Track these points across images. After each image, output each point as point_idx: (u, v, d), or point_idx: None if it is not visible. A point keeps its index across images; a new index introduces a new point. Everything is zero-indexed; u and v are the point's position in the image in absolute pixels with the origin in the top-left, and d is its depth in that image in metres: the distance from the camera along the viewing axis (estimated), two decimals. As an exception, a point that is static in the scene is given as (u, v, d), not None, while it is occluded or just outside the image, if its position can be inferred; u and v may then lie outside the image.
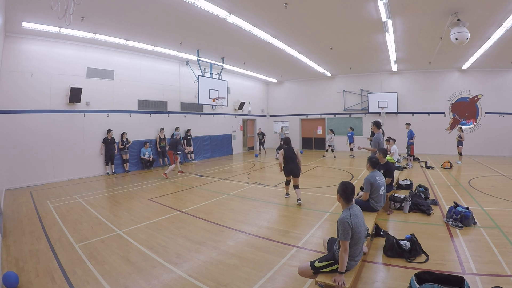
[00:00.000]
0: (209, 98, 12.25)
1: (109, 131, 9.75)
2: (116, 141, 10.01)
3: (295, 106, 18.40)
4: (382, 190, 4.27)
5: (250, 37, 8.96)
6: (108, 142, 9.69)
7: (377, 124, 6.60)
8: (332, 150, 14.55)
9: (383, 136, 8.81)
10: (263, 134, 15.96)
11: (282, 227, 4.62)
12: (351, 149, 13.87)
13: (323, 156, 14.43)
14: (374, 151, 6.29)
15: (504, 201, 5.81)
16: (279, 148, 15.58)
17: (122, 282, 3.01)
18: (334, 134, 14.91)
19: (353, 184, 2.70)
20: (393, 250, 3.48)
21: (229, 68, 14.06)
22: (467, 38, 6.62)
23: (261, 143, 15.88)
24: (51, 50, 8.59)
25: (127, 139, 10.31)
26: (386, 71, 15.21)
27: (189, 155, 12.99)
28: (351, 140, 13.82)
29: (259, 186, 7.68)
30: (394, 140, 10.35)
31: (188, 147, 12.83)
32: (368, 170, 4.50)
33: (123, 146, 10.20)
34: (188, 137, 12.83)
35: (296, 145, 18.30)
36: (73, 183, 8.49)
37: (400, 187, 6.89)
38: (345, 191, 2.62)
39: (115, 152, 9.98)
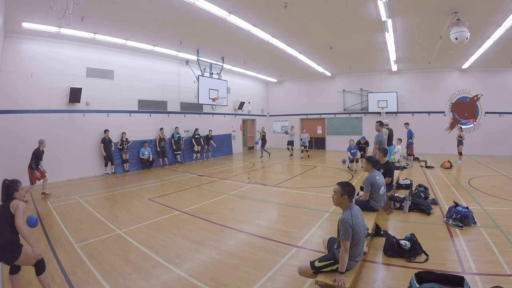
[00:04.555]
0: (209, 98, 12.26)
1: (106, 131, 9.72)
2: (113, 140, 9.98)
3: (295, 106, 18.39)
4: (382, 190, 4.27)
5: (250, 37, 8.96)
6: (106, 142, 9.68)
7: (380, 123, 6.66)
8: (307, 150, 13.63)
9: (393, 135, 8.81)
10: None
11: (282, 227, 4.62)
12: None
13: (301, 158, 13.38)
14: (376, 149, 6.31)
15: (504, 200, 5.81)
16: (262, 146, 14.06)
17: (122, 282, 3.01)
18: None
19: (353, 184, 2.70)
20: (393, 249, 3.48)
21: (229, 68, 14.06)
22: (467, 38, 6.62)
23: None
24: (51, 50, 8.59)
25: (126, 139, 10.30)
26: (386, 71, 15.21)
27: (195, 154, 13.03)
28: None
29: (259, 186, 7.68)
30: (400, 140, 10.41)
31: (198, 146, 12.86)
32: (367, 170, 4.48)
33: (121, 147, 10.19)
34: (196, 136, 12.86)
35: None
36: (73, 183, 8.49)
37: (400, 186, 6.89)
38: (351, 191, 2.63)
39: (112, 149, 9.93)
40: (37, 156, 6.63)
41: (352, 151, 10.43)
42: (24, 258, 2.62)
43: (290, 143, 14.04)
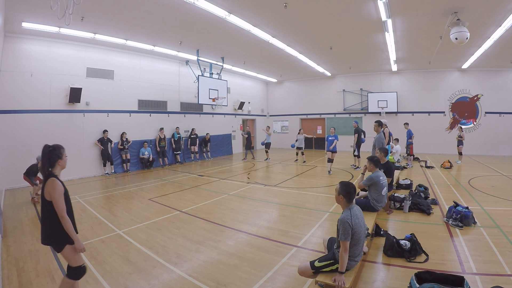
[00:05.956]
0: (209, 98, 12.26)
1: (104, 131, 9.72)
2: (113, 140, 9.98)
3: (295, 105, 18.40)
4: (385, 190, 4.28)
5: (250, 37, 8.96)
6: (104, 142, 9.67)
7: (379, 123, 6.59)
8: (302, 153, 12.18)
9: (391, 135, 8.77)
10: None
11: (282, 227, 4.62)
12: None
13: (296, 160, 12.36)
14: (377, 150, 6.25)
15: (504, 200, 5.81)
16: (247, 148, 13.50)
17: (122, 282, 3.01)
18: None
19: (354, 183, 2.70)
20: (393, 249, 3.48)
21: (229, 68, 14.06)
22: (466, 38, 6.62)
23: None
24: (51, 50, 8.59)
25: (126, 139, 10.31)
26: (386, 71, 15.21)
27: (193, 155, 13.00)
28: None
29: (259, 186, 7.68)
30: (397, 140, 10.44)
31: (193, 146, 12.85)
32: (371, 170, 4.48)
33: (122, 147, 10.20)
34: (192, 136, 12.85)
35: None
36: (73, 183, 8.48)
37: (400, 186, 6.89)
38: (348, 192, 2.61)
39: (110, 151, 9.90)
40: (32, 171, 6.47)
41: (329, 138, 9.58)
42: (67, 254, 2.39)
43: (267, 145, 12.88)
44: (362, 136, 10.36)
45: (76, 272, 2.46)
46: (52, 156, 2.44)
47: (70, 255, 2.41)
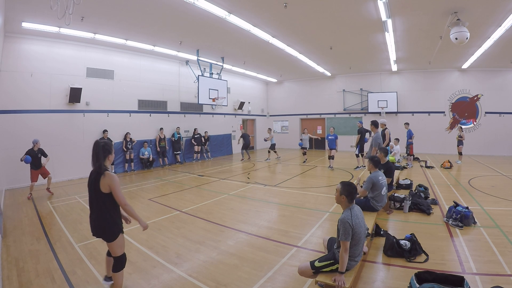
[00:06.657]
0: (209, 98, 12.26)
1: (104, 131, 9.71)
2: (113, 141, 9.96)
3: (295, 105, 18.40)
4: (384, 190, 4.28)
5: (250, 37, 8.96)
6: None
7: (374, 124, 6.62)
8: (305, 153, 12.30)
9: (390, 134, 8.81)
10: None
11: (282, 227, 4.62)
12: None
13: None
14: (375, 150, 6.30)
15: (504, 200, 5.81)
16: (243, 148, 13.40)
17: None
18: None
19: (354, 183, 2.70)
20: (393, 249, 3.48)
21: (229, 68, 14.06)
22: (466, 38, 6.62)
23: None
24: (51, 50, 8.60)
25: (131, 138, 10.34)
26: (386, 71, 15.21)
27: (195, 154, 13.01)
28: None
29: (259, 186, 7.68)
30: (398, 140, 10.45)
31: (197, 146, 12.85)
32: (370, 170, 4.50)
33: (126, 148, 10.21)
34: (196, 136, 12.86)
35: (297, 144, 18.27)
36: (73, 183, 8.49)
37: (400, 186, 6.89)
38: (351, 192, 2.62)
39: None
40: (30, 155, 6.55)
41: (329, 137, 10.29)
42: (118, 242, 2.56)
43: (272, 146, 12.97)
44: (366, 136, 10.43)
45: (122, 260, 2.64)
46: (104, 151, 2.61)
47: (120, 243, 2.60)
